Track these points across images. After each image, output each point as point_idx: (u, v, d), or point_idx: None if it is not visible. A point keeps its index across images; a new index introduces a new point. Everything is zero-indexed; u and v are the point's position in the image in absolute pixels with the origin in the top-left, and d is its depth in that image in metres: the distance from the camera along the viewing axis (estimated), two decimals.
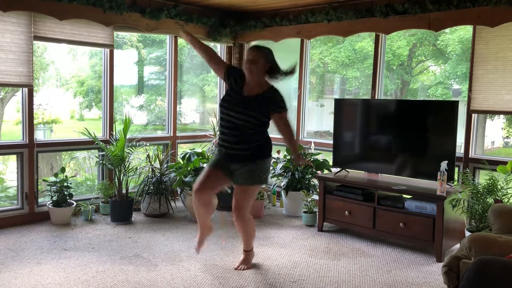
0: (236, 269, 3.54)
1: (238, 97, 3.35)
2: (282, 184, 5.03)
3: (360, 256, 3.89)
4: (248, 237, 3.58)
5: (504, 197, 3.69)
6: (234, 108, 3.31)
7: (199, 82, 7.11)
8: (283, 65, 3.44)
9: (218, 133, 3.44)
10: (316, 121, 7.69)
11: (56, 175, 4.61)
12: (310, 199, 4.72)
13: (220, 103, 3.44)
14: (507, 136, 7.35)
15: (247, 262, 3.60)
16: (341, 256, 3.88)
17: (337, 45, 8.06)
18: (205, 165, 4.93)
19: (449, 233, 3.87)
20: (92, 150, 4.96)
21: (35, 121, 4.61)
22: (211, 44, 5.95)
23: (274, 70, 3.40)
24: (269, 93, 3.35)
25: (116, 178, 4.79)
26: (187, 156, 5.09)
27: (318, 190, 4.66)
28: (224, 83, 6.05)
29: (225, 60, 5.97)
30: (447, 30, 5.69)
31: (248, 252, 3.64)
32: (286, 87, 5.94)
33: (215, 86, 6.24)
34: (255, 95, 3.33)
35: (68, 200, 4.62)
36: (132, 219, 4.76)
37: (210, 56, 3.55)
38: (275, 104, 3.32)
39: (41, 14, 4.35)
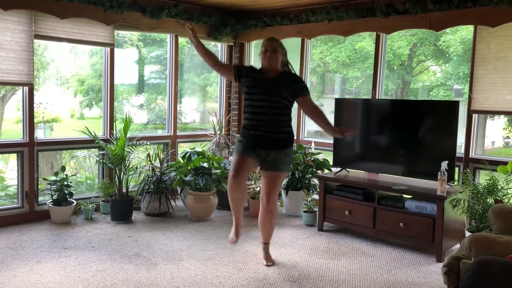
0: (267, 265, 3.57)
1: (265, 82, 3.41)
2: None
3: (360, 256, 3.89)
4: (272, 230, 3.65)
5: (504, 197, 3.69)
6: (265, 91, 3.38)
7: (200, 81, 7.11)
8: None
9: (244, 120, 3.50)
10: None
11: (56, 174, 4.61)
12: (310, 199, 4.72)
13: (246, 90, 3.46)
14: (507, 137, 7.35)
15: (271, 257, 3.66)
16: (341, 255, 3.87)
17: (337, 45, 8.05)
18: (205, 164, 4.95)
19: (449, 233, 3.87)
20: (92, 149, 4.96)
21: (35, 120, 4.61)
22: (212, 44, 5.95)
23: (286, 61, 3.54)
24: (286, 73, 3.48)
25: (116, 177, 4.79)
26: (187, 155, 5.09)
27: (318, 189, 4.66)
28: (225, 82, 6.08)
29: (225, 61, 5.98)
30: (448, 30, 5.68)
31: (268, 245, 3.68)
32: None
33: (217, 86, 6.24)
34: (276, 76, 3.43)
35: (68, 199, 4.62)
36: (132, 218, 4.76)
37: (215, 61, 3.62)
38: (296, 85, 3.43)
39: (42, 13, 4.35)
